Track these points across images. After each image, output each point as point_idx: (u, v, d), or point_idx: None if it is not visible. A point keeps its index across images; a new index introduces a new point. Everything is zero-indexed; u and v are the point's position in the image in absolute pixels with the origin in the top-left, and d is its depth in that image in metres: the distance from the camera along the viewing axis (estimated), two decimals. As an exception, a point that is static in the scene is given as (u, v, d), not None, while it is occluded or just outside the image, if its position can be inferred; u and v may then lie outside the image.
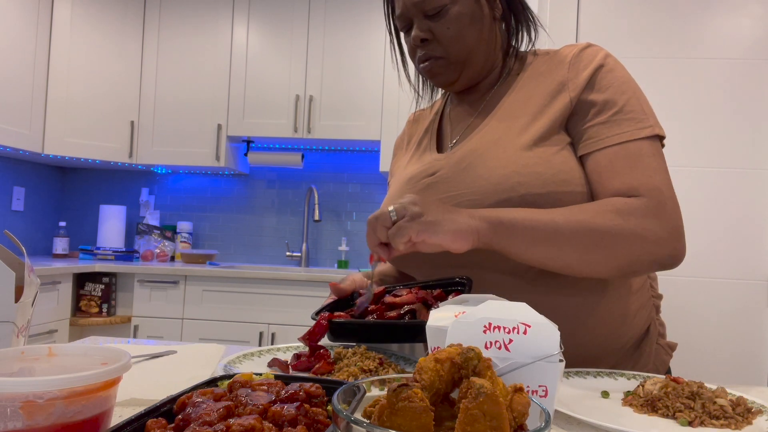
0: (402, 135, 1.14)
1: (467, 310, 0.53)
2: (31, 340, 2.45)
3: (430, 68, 0.92)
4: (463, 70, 0.92)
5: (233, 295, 2.76)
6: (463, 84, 0.95)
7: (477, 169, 0.85)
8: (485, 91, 0.97)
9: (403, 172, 1.00)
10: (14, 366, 0.50)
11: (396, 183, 0.99)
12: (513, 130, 0.86)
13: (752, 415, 0.64)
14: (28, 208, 3.21)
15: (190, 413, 0.41)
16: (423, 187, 0.90)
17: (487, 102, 0.95)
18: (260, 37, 3.08)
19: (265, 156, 3.13)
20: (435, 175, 0.90)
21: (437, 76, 0.93)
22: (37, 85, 2.80)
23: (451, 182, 0.87)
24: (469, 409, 0.34)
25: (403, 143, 1.11)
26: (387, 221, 0.74)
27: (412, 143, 1.06)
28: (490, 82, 0.97)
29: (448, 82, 0.94)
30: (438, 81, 0.95)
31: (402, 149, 1.11)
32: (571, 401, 0.67)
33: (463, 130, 0.95)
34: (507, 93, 0.93)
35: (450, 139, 0.98)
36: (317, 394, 0.46)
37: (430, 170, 0.92)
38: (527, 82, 0.91)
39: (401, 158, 1.09)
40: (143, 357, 0.85)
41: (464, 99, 1.00)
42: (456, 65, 0.91)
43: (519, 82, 0.93)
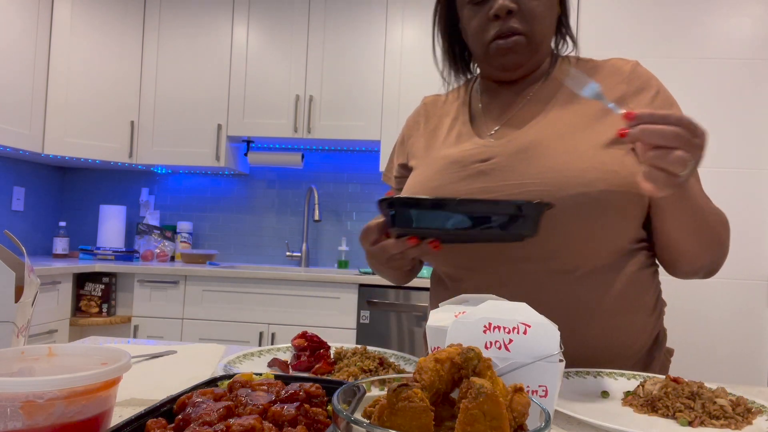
0: (416, 116, 1.09)
1: (467, 310, 0.53)
2: (31, 340, 2.45)
3: (511, 45, 0.88)
4: (534, 54, 0.91)
5: (233, 295, 2.76)
6: (526, 70, 0.94)
7: (544, 161, 0.83)
8: (527, 85, 0.96)
9: (438, 153, 0.95)
10: (14, 366, 0.50)
11: (434, 164, 0.94)
12: (578, 127, 0.86)
13: (752, 415, 0.64)
14: (28, 208, 3.21)
15: (190, 413, 0.41)
16: (474, 173, 0.87)
17: (535, 95, 0.94)
18: (260, 37, 3.08)
19: (265, 156, 3.13)
20: (488, 161, 0.87)
21: (512, 55, 0.89)
22: (37, 86, 2.80)
23: (509, 171, 0.85)
24: (469, 409, 0.34)
25: (419, 124, 1.07)
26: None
27: (435, 125, 1.03)
28: (536, 76, 0.97)
29: (518, 63, 0.91)
30: (510, 60, 0.90)
31: (418, 129, 1.06)
32: (571, 401, 0.67)
33: (505, 120, 0.94)
34: (559, 90, 0.93)
35: (488, 127, 0.95)
36: (317, 394, 0.46)
37: (480, 156, 0.89)
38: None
39: (419, 138, 1.04)
40: (143, 357, 0.85)
41: (501, 89, 0.98)
42: (532, 46, 0.89)
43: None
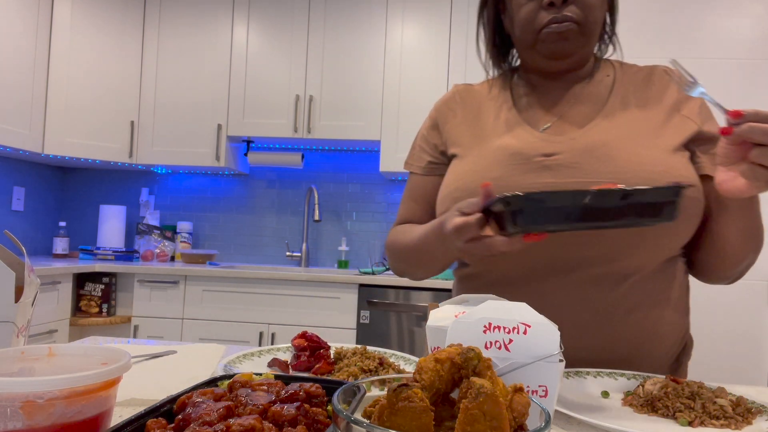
0: (449, 102, 1.05)
1: (467, 310, 0.53)
2: (31, 340, 2.45)
3: (563, 30, 0.87)
4: (585, 45, 0.91)
5: (233, 295, 2.76)
6: (572, 62, 0.94)
7: (616, 161, 0.82)
8: (571, 82, 0.96)
9: (492, 143, 0.92)
10: (14, 366, 0.50)
11: (489, 154, 0.91)
12: (642, 132, 0.86)
13: (752, 415, 0.64)
14: (28, 208, 3.21)
15: (190, 413, 0.41)
16: (539, 167, 0.85)
17: (583, 94, 0.94)
18: (260, 37, 3.08)
19: (265, 156, 3.13)
20: (553, 156, 0.86)
21: (563, 42, 0.89)
22: (37, 86, 2.80)
23: (578, 168, 0.84)
24: (469, 409, 0.34)
25: (454, 111, 1.02)
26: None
27: (475, 113, 0.99)
28: (582, 74, 0.97)
29: (568, 52, 0.91)
30: (560, 48, 0.90)
31: (455, 116, 1.02)
32: (571, 401, 0.67)
33: (557, 116, 0.93)
34: (613, 91, 0.93)
35: (539, 121, 0.94)
36: (317, 394, 0.46)
37: (543, 149, 0.87)
38: (631, 88, 0.93)
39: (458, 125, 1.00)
40: (143, 357, 0.85)
41: (544, 84, 0.97)
42: (584, 36, 0.89)
43: (618, 84, 0.94)
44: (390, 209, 3.32)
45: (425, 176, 1.04)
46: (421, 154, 1.05)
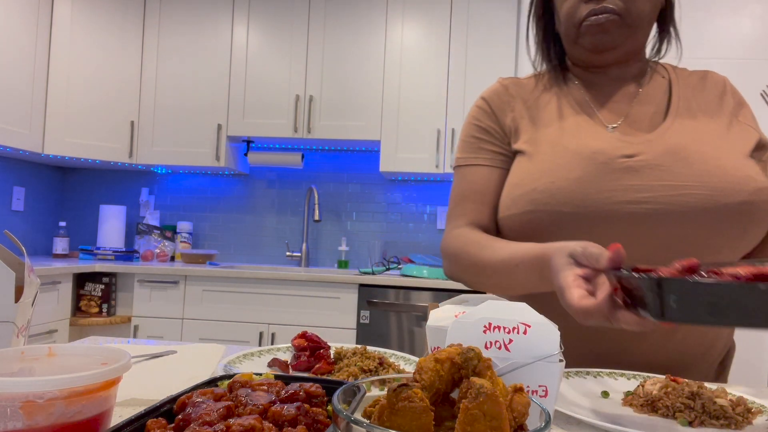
0: (502, 95, 1.00)
1: (467, 310, 0.53)
2: (31, 340, 2.45)
3: (603, 21, 0.86)
4: (629, 38, 0.89)
5: (233, 295, 2.76)
6: (617, 56, 0.92)
7: (700, 165, 0.81)
8: (627, 80, 0.94)
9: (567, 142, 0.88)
10: (14, 366, 0.50)
11: (565, 153, 0.87)
12: (716, 135, 0.86)
13: (752, 415, 0.64)
14: (28, 208, 3.21)
15: (190, 413, 0.41)
16: (621, 168, 0.83)
17: (646, 94, 0.93)
18: (260, 38, 3.08)
19: (265, 156, 3.13)
20: (636, 158, 0.83)
21: (604, 34, 0.87)
22: (37, 86, 2.80)
23: (664, 171, 0.81)
24: (470, 409, 0.34)
25: (511, 105, 0.98)
26: None
27: (534, 109, 0.96)
28: (633, 72, 0.95)
29: (611, 45, 0.89)
30: (601, 40, 0.88)
31: (513, 110, 0.97)
32: (571, 401, 0.67)
33: (624, 117, 0.91)
34: (672, 93, 0.92)
35: (605, 120, 0.92)
36: (317, 394, 0.46)
37: (623, 150, 0.85)
38: (689, 91, 0.93)
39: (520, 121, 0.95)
40: (143, 357, 0.85)
41: (601, 81, 0.95)
42: (627, 28, 0.87)
43: (675, 87, 0.93)
44: (390, 209, 3.32)
45: (493, 168, 0.95)
46: (482, 145, 0.97)
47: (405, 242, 3.30)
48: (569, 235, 0.82)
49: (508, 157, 0.96)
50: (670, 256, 0.81)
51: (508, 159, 0.96)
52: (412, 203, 3.31)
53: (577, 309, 0.59)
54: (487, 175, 0.95)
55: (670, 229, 0.80)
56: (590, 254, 0.62)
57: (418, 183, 3.31)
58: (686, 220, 0.79)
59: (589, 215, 0.82)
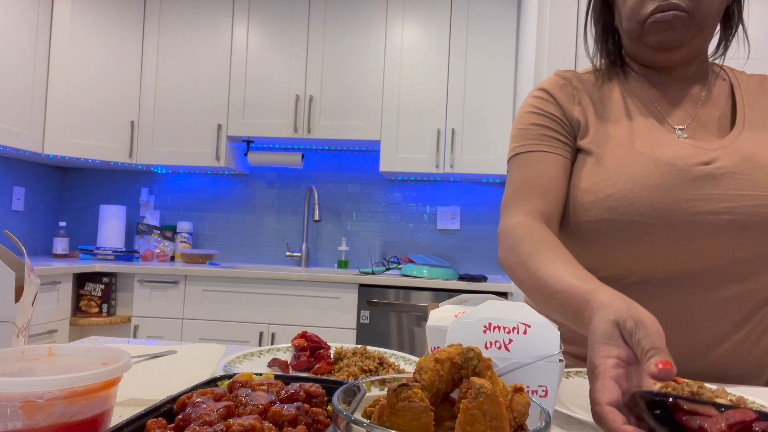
0: (564, 87, 0.95)
1: (467, 310, 0.53)
2: (31, 340, 2.45)
3: (670, 18, 0.83)
4: (695, 37, 0.86)
5: (233, 295, 2.76)
6: (683, 55, 0.89)
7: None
8: (690, 81, 0.92)
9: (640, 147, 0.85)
10: (14, 366, 0.50)
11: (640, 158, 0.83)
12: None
13: (752, 415, 0.64)
14: (28, 208, 3.21)
15: (190, 413, 0.41)
16: (700, 175, 0.80)
17: (711, 95, 0.91)
18: (260, 38, 3.08)
19: (265, 156, 3.13)
20: (713, 165, 0.81)
21: (671, 32, 0.84)
22: (37, 85, 2.80)
23: (743, 180, 0.79)
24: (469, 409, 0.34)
25: (574, 98, 0.93)
26: None
27: (598, 107, 0.92)
28: (692, 73, 0.92)
29: (677, 43, 0.86)
30: (667, 38, 0.85)
31: (577, 100, 0.93)
32: (571, 401, 0.67)
33: (691, 119, 0.89)
34: (735, 97, 0.90)
35: (672, 122, 0.89)
36: (317, 394, 0.46)
37: (700, 157, 0.82)
38: (752, 95, 0.90)
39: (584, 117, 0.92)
40: (143, 357, 0.85)
41: (663, 80, 0.93)
42: (694, 26, 0.84)
43: (737, 90, 0.91)
44: (390, 209, 3.32)
45: (558, 156, 0.89)
46: (546, 132, 0.91)
47: (405, 242, 3.30)
48: (648, 245, 0.80)
49: (573, 149, 0.91)
50: (744, 268, 0.80)
51: (573, 151, 0.91)
52: (412, 203, 3.31)
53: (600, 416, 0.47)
54: (552, 163, 0.89)
55: (748, 241, 0.79)
56: (637, 342, 0.50)
57: (418, 183, 3.31)
58: (763, 232, 0.78)
59: (669, 225, 0.80)
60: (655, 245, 0.80)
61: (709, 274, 0.81)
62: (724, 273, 0.81)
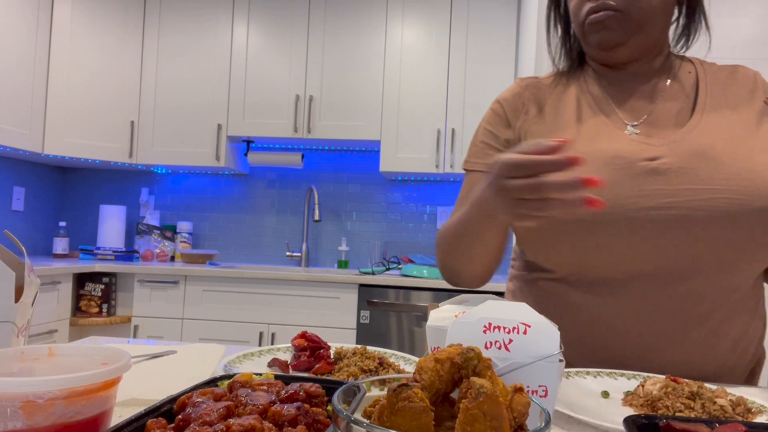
0: (518, 97, 0.97)
1: (467, 310, 0.53)
2: (31, 340, 2.45)
3: (603, 20, 0.84)
4: (636, 35, 0.86)
5: (233, 295, 2.76)
6: (628, 52, 0.89)
7: (728, 167, 0.78)
8: (649, 77, 0.91)
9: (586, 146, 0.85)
10: (14, 366, 0.50)
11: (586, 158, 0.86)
12: (743, 134, 0.82)
13: (752, 415, 0.64)
14: (28, 208, 3.21)
15: (190, 413, 0.41)
16: (645, 171, 0.80)
17: (670, 92, 0.90)
18: (260, 37, 3.08)
19: (265, 156, 3.13)
20: (659, 160, 0.80)
21: (606, 31, 0.85)
22: (37, 85, 2.80)
23: (689, 174, 0.78)
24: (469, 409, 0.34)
25: (527, 107, 0.96)
26: None
27: (553, 112, 0.93)
28: (655, 68, 0.92)
29: (616, 42, 0.86)
30: (604, 38, 0.86)
31: (527, 113, 0.95)
32: (571, 401, 0.67)
33: (645, 116, 0.88)
34: (699, 89, 0.89)
35: (625, 120, 0.89)
36: (317, 394, 0.46)
37: (645, 153, 0.81)
38: (717, 87, 0.89)
39: (533, 124, 0.93)
40: (143, 357, 0.85)
41: (622, 79, 0.92)
42: (631, 24, 0.84)
43: (704, 84, 0.90)
44: (390, 209, 3.32)
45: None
46: (488, 150, 0.96)
47: (405, 242, 3.30)
48: (594, 243, 0.80)
49: None
50: (693, 263, 0.79)
51: None
52: (412, 203, 3.31)
53: (503, 161, 0.64)
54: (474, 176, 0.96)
55: (698, 236, 0.77)
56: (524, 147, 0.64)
57: (418, 183, 3.31)
58: (714, 226, 0.76)
59: (611, 223, 0.79)
60: (603, 243, 0.80)
61: (663, 271, 0.80)
62: (677, 270, 0.80)
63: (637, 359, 0.84)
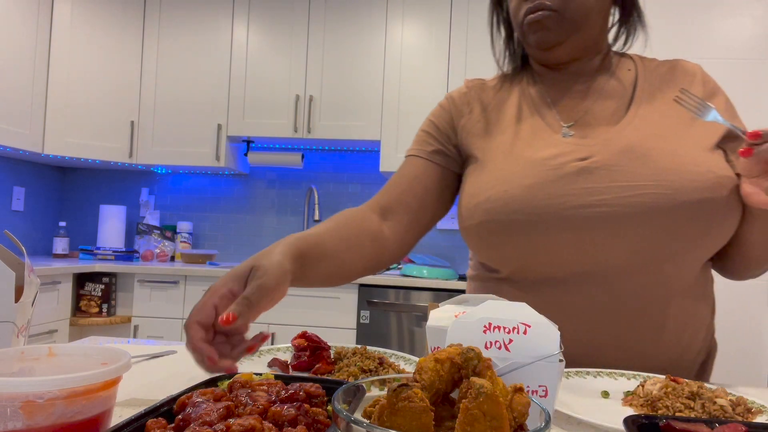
0: (463, 97, 0.99)
1: (467, 310, 0.53)
2: (31, 340, 2.45)
3: (540, 20, 0.84)
4: (573, 34, 0.87)
5: (233, 295, 2.75)
6: (567, 51, 0.90)
7: (657, 162, 0.78)
8: (589, 76, 0.92)
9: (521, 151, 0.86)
10: (14, 366, 0.50)
11: (519, 161, 0.85)
12: (675, 129, 0.83)
13: (752, 415, 0.64)
14: (28, 208, 3.21)
15: (190, 413, 0.41)
16: (574, 171, 0.81)
17: (605, 90, 0.90)
18: (260, 37, 3.08)
19: (265, 156, 3.13)
20: (590, 159, 0.81)
21: (544, 31, 0.86)
22: (37, 85, 2.80)
23: (618, 171, 0.79)
24: (470, 409, 0.34)
25: (470, 107, 0.97)
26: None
27: (494, 114, 0.94)
28: (594, 67, 0.93)
29: (554, 42, 0.87)
30: (542, 38, 0.87)
31: (471, 114, 0.96)
32: (571, 401, 0.67)
33: (581, 115, 0.89)
34: (637, 86, 0.90)
35: (561, 120, 0.90)
36: (317, 394, 0.46)
37: (576, 153, 0.82)
38: (655, 83, 0.90)
39: (475, 125, 0.95)
40: (143, 357, 0.85)
41: (561, 79, 0.94)
42: (568, 24, 0.85)
43: (641, 80, 0.91)
44: (390, 209, 3.32)
45: (429, 161, 0.96)
46: (429, 140, 0.98)
47: (405, 242, 3.30)
48: (526, 242, 0.82)
49: (448, 156, 0.96)
50: (630, 260, 0.79)
51: (449, 158, 0.96)
52: (412, 203, 3.31)
53: (188, 336, 0.57)
54: (422, 166, 0.96)
55: (629, 232, 0.78)
56: (248, 284, 0.60)
57: (418, 183, 3.31)
58: (643, 222, 0.77)
59: (543, 222, 0.80)
60: (540, 243, 0.81)
61: (600, 268, 0.81)
62: (614, 267, 0.80)
63: (582, 357, 0.84)
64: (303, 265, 0.71)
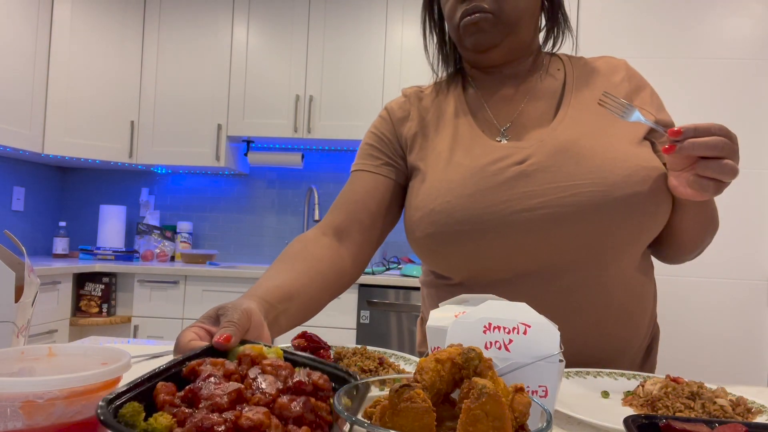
0: (402, 106, 1.00)
1: (467, 310, 0.53)
2: (31, 340, 2.45)
3: (476, 22, 0.85)
4: (508, 36, 0.88)
5: (233, 295, 2.76)
6: (502, 54, 0.91)
7: (591, 160, 0.80)
8: (521, 78, 0.94)
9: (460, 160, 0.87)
10: (14, 366, 0.50)
11: (458, 169, 0.86)
12: (605, 126, 0.85)
13: (752, 415, 0.64)
14: (28, 208, 3.21)
15: (201, 388, 0.40)
16: (513, 175, 0.82)
17: (537, 91, 0.92)
18: (260, 37, 3.08)
19: (265, 156, 3.13)
20: (527, 162, 0.82)
21: (480, 34, 0.87)
22: (37, 85, 2.80)
23: (555, 172, 0.81)
24: (472, 409, 0.34)
25: (410, 116, 0.98)
26: None
27: (433, 124, 0.95)
28: (527, 68, 0.94)
29: (490, 43, 0.88)
30: (479, 40, 0.88)
31: (410, 120, 0.97)
32: (571, 401, 0.67)
33: (514, 117, 0.91)
34: (566, 85, 0.92)
35: (497, 124, 0.91)
36: (324, 388, 0.46)
37: (514, 157, 0.84)
38: (583, 81, 0.92)
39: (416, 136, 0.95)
40: (143, 357, 0.85)
41: (494, 82, 0.95)
42: (504, 26, 0.87)
43: (570, 79, 0.92)
44: (390, 209, 3.32)
45: (378, 175, 0.95)
46: (375, 153, 0.97)
47: (405, 242, 3.30)
48: (472, 250, 0.83)
49: (396, 168, 0.96)
50: (572, 256, 0.81)
51: (397, 170, 0.96)
52: (412, 203, 3.31)
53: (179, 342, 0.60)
54: (368, 180, 0.95)
55: (568, 231, 0.80)
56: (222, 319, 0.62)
57: (418, 183, 3.31)
58: (582, 219, 0.79)
59: (488, 230, 0.81)
60: (486, 249, 0.83)
61: (545, 268, 0.82)
62: (557, 265, 0.82)
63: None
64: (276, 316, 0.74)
